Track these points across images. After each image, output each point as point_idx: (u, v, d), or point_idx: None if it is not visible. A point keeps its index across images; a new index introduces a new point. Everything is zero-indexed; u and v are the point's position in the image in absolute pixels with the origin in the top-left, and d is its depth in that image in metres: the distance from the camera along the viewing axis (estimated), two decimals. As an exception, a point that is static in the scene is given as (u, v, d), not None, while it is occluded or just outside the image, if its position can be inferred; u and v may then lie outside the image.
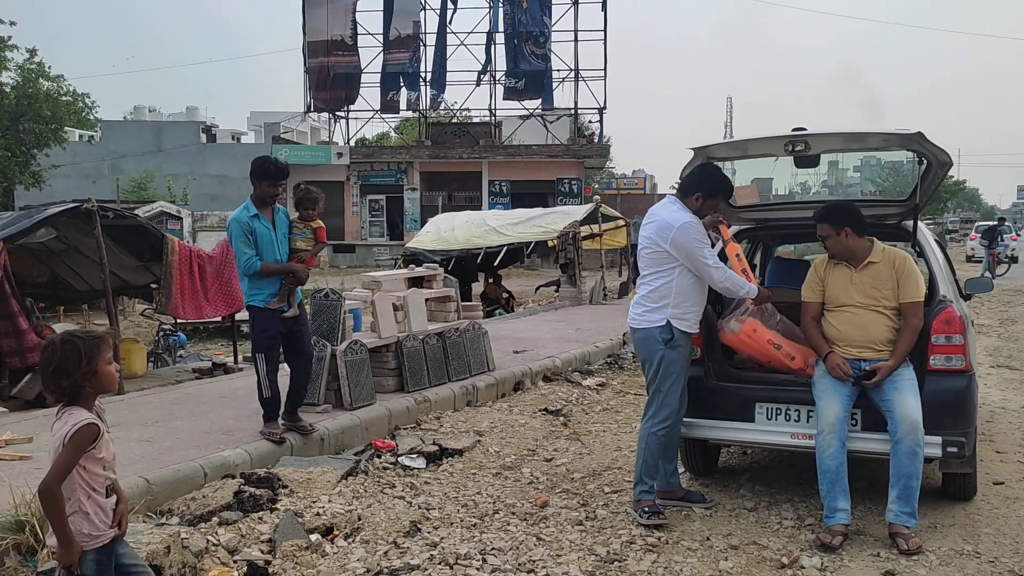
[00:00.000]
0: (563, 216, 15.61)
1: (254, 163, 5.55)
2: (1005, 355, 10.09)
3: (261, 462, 5.23)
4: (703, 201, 4.54)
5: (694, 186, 4.57)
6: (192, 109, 61.81)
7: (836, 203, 4.85)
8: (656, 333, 4.53)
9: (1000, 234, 24.37)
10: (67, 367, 2.63)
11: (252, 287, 5.49)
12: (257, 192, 5.53)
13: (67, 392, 2.66)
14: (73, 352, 2.64)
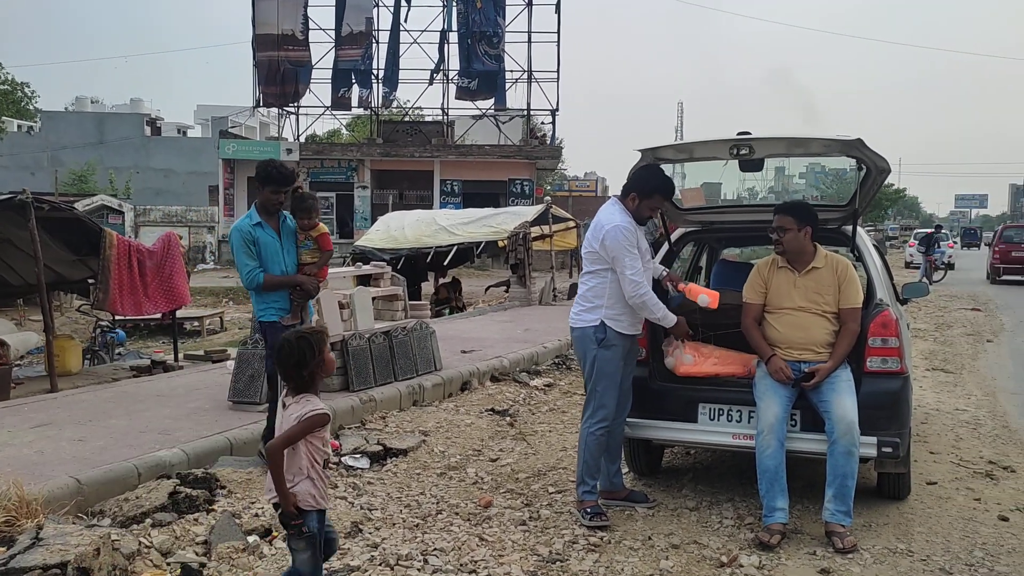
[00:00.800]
0: (514, 216, 15.61)
1: (258, 168, 5.23)
2: (940, 358, 10.39)
3: (199, 462, 5.11)
4: (639, 201, 4.54)
5: (630, 186, 4.59)
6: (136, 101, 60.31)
7: (799, 201, 4.94)
8: (591, 332, 4.55)
9: (937, 241, 25.10)
10: (306, 359, 3.13)
11: (260, 302, 5.18)
12: (260, 199, 5.16)
13: (305, 380, 3.15)
14: (308, 346, 3.14)
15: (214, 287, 22.45)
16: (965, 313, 15.85)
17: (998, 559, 4.10)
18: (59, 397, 6.88)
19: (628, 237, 4.44)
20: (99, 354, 10.30)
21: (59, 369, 8.01)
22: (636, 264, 4.42)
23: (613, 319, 4.50)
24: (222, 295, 21.56)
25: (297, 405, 3.13)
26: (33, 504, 4.01)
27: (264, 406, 6.24)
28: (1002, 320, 14.88)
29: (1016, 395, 8.25)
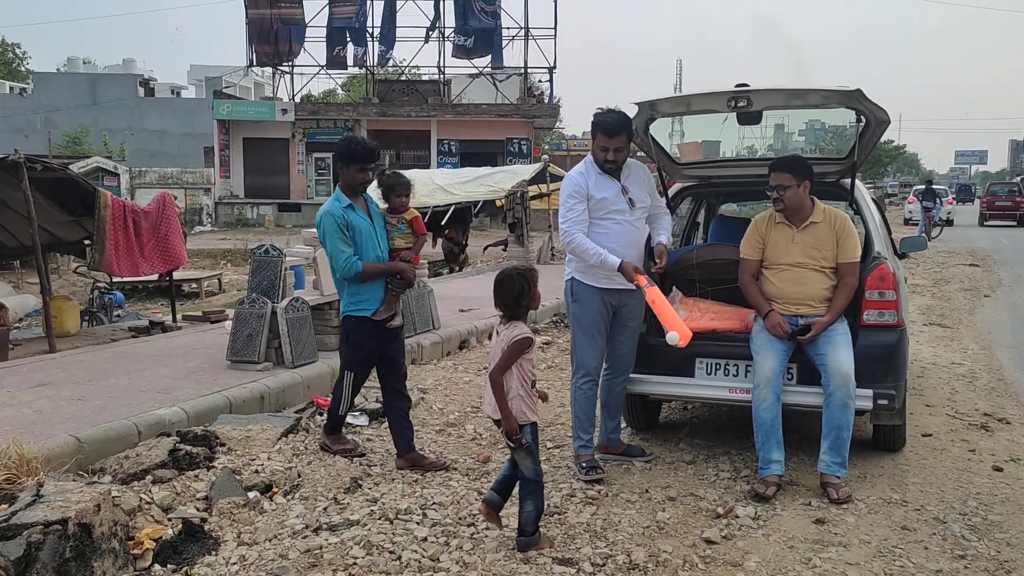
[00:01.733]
0: (511, 175, 15.53)
1: (340, 145, 4.71)
2: (937, 313, 10.41)
3: (198, 420, 5.13)
4: (592, 143, 4.53)
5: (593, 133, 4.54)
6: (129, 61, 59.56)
7: (796, 156, 4.88)
8: (568, 286, 4.60)
9: (938, 196, 25.00)
10: (525, 291, 3.61)
11: (353, 295, 4.64)
12: (345, 179, 4.67)
13: (521, 309, 3.64)
14: (526, 281, 3.63)
15: (211, 249, 22.40)
16: (963, 269, 15.86)
17: (991, 508, 4.14)
18: (57, 358, 6.90)
19: (568, 185, 4.53)
20: (97, 315, 10.30)
21: (57, 330, 8.01)
22: (568, 214, 4.44)
23: (582, 272, 4.51)
24: (220, 257, 21.51)
25: (507, 331, 3.61)
26: (33, 462, 4.02)
27: (263, 365, 6.26)
28: (1000, 275, 14.89)
29: (1012, 349, 8.28)
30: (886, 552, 3.64)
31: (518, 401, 3.61)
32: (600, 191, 4.47)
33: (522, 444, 3.60)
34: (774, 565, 3.51)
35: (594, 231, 4.48)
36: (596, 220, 4.49)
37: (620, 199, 4.51)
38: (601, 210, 4.48)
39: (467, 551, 3.61)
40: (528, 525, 3.65)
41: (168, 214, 8.27)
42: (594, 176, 4.49)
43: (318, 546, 3.62)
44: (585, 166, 4.56)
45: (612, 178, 4.52)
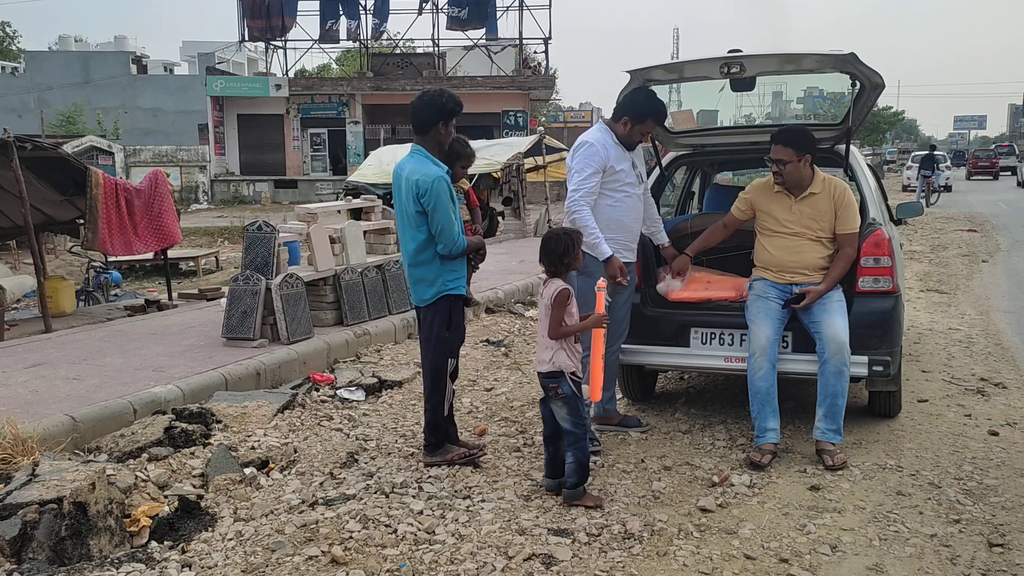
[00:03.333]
0: (506, 148, 15.41)
1: (430, 100, 4.19)
2: (935, 280, 10.39)
3: (194, 398, 5.13)
4: (631, 126, 4.45)
5: (621, 110, 4.49)
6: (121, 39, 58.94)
7: (798, 127, 4.75)
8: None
9: (937, 162, 24.87)
10: (569, 249, 3.86)
11: (450, 271, 4.23)
12: (438, 139, 4.23)
13: (563, 266, 3.88)
14: (571, 239, 3.88)
15: (208, 227, 22.31)
16: (961, 234, 15.81)
17: (987, 472, 4.15)
18: (53, 337, 6.89)
19: (589, 154, 4.39)
20: (93, 295, 10.28)
21: (53, 310, 8.00)
22: (583, 184, 4.34)
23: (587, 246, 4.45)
24: (217, 235, 21.43)
25: (548, 288, 3.84)
26: (29, 442, 4.03)
27: (259, 341, 6.25)
28: (998, 241, 14.85)
29: (1010, 313, 8.27)
30: (880, 517, 3.65)
31: (562, 353, 3.81)
32: (619, 163, 4.47)
33: (558, 394, 3.80)
34: (768, 532, 3.52)
35: (606, 203, 4.46)
36: (609, 192, 4.46)
37: (632, 173, 4.54)
38: (616, 182, 4.47)
39: (463, 523, 3.62)
40: (571, 476, 3.81)
41: (161, 192, 8.21)
42: (613, 148, 4.47)
43: (314, 521, 3.63)
44: (603, 135, 4.48)
45: (626, 151, 4.52)
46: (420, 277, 4.25)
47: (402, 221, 4.24)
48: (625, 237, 4.52)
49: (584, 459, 3.82)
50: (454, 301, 4.30)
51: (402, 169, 4.22)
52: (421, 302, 4.30)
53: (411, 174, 4.13)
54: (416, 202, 4.10)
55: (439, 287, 4.25)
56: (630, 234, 4.55)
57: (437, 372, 4.32)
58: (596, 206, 4.41)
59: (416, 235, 4.18)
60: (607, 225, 4.41)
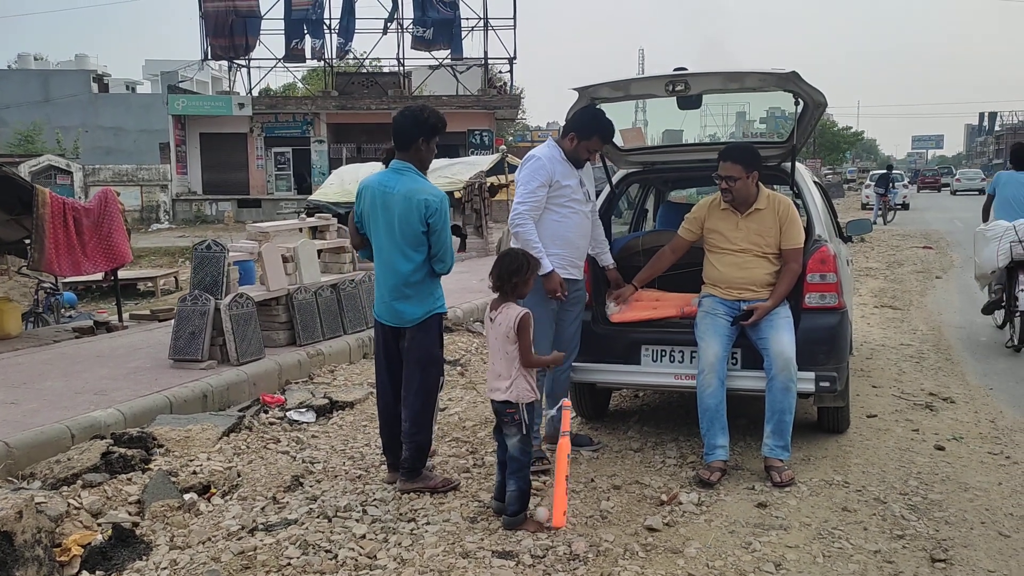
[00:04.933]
0: (469, 166, 15.42)
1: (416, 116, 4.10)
2: (889, 296, 10.53)
3: (136, 421, 5.00)
4: (578, 142, 4.45)
5: (568, 127, 4.50)
6: (82, 57, 58.19)
7: (744, 144, 4.81)
8: None
9: (892, 181, 25.33)
10: (522, 269, 3.77)
11: (438, 288, 4.25)
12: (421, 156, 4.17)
13: (510, 285, 3.77)
14: (527, 263, 3.81)
15: (169, 247, 22.01)
16: (916, 251, 16.09)
17: (932, 487, 4.17)
18: (-5, 361, 6.69)
19: (535, 168, 4.38)
20: (42, 316, 10.04)
21: (-3, 333, 7.78)
22: (528, 198, 4.32)
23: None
24: (178, 255, 21.12)
25: (503, 313, 3.75)
26: (-44, 469, 3.89)
27: (207, 363, 6.12)
28: (952, 257, 15.12)
29: (961, 329, 8.39)
30: (825, 534, 3.64)
31: (521, 381, 3.74)
32: (565, 178, 4.46)
33: (514, 419, 3.75)
34: (714, 551, 3.50)
35: (552, 218, 4.44)
36: (555, 208, 4.44)
37: (580, 190, 4.54)
38: (562, 197, 4.45)
39: (405, 547, 3.55)
40: (511, 504, 3.74)
41: (111, 211, 8.05)
42: (560, 164, 4.47)
43: (252, 547, 3.53)
44: (550, 150, 4.49)
45: (573, 168, 4.52)
46: (410, 297, 4.12)
47: (394, 242, 4.07)
48: (571, 253, 4.51)
49: (526, 488, 3.75)
50: (441, 320, 4.28)
51: (390, 187, 4.07)
52: (408, 322, 4.15)
53: (415, 193, 4.00)
54: (423, 222, 4.01)
55: (430, 305, 4.17)
56: (576, 250, 4.54)
57: (429, 392, 4.19)
58: (542, 221, 4.40)
59: (414, 255, 4.07)
60: (552, 240, 4.41)
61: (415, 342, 4.15)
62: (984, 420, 5.28)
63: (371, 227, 4.19)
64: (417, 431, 4.15)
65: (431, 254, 4.08)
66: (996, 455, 4.64)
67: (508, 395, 3.74)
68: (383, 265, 4.17)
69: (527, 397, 3.75)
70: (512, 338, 3.71)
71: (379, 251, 4.17)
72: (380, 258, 4.18)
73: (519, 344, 3.72)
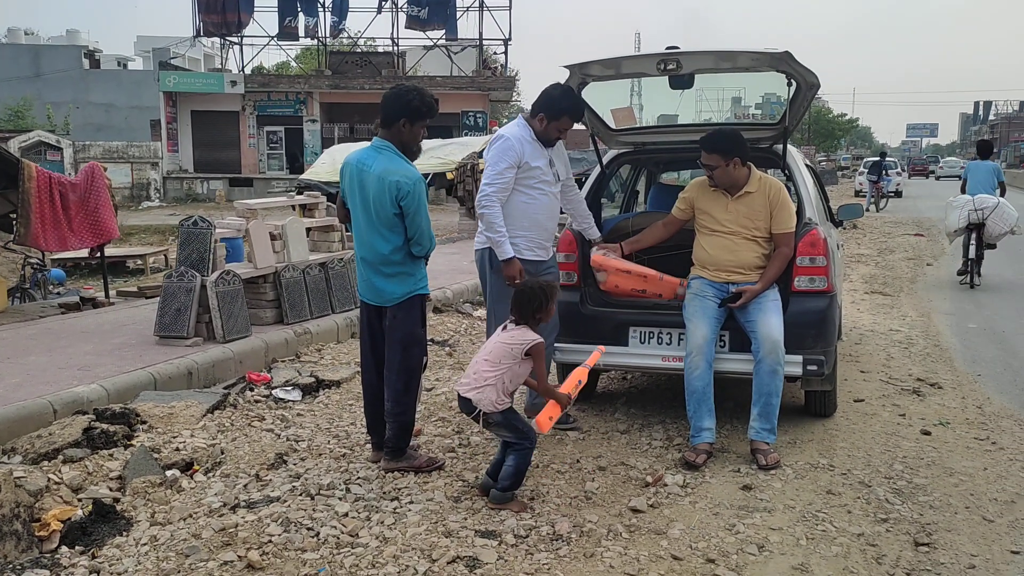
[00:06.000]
0: (461, 147, 15.34)
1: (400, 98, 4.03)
2: (880, 282, 10.53)
3: (119, 397, 4.95)
4: (547, 123, 4.43)
5: (537, 106, 4.47)
6: (73, 32, 57.56)
7: (723, 132, 4.74)
8: (484, 255, 4.52)
9: (885, 169, 25.32)
10: (542, 306, 3.77)
11: (420, 269, 4.19)
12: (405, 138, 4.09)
13: (533, 321, 3.78)
14: (545, 296, 3.78)
15: (159, 225, 21.88)
16: (908, 238, 16.10)
17: (917, 471, 4.17)
18: (-22, 336, 6.63)
19: (504, 149, 4.35)
20: (29, 292, 9.95)
21: (-18, 308, 7.71)
22: (496, 179, 4.31)
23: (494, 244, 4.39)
24: (168, 233, 20.98)
25: (517, 333, 3.75)
26: (-65, 443, 3.85)
27: (192, 340, 6.07)
28: (943, 245, 15.10)
29: (950, 315, 8.40)
30: (809, 516, 3.64)
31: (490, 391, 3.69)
32: (535, 159, 4.44)
33: (488, 423, 3.75)
34: (697, 532, 3.48)
35: (520, 199, 4.44)
36: (524, 189, 4.44)
37: (549, 171, 4.51)
38: (532, 179, 4.44)
39: (388, 526, 3.53)
40: (505, 479, 3.74)
41: (97, 186, 7.96)
42: (529, 144, 4.43)
43: (233, 524, 3.51)
44: (520, 130, 4.47)
45: (543, 147, 4.47)
46: (391, 276, 4.06)
47: (371, 221, 4.01)
48: (539, 235, 4.48)
49: (523, 467, 3.75)
50: (423, 299, 4.20)
51: (367, 165, 4.00)
52: (389, 301, 4.10)
53: (388, 174, 3.92)
54: (395, 204, 3.93)
55: (411, 286, 4.11)
56: (544, 232, 4.52)
57: (412, 371, 4.15)
58: (510, 202, 4.38)
59: (391, 236, 4.00)
60: (520, 222, 4.38)
61: (397, 321, 4.11)
62: (971, 406, 5.29)
63: (350, 205, 4.15)
64: (400, 411, 4.12)
65: (407, 236, 4.02)
66: (982, 440, 4.64)
67: (471, 394, 3.70)
68: (362, 244, 4.12)
69: (487, 406, 3.68)
70: (516, 357, 3.70)
71: (358, 229, 4.12)
72: (359, 237, 4.13)
73: (536, 370, 3.77)
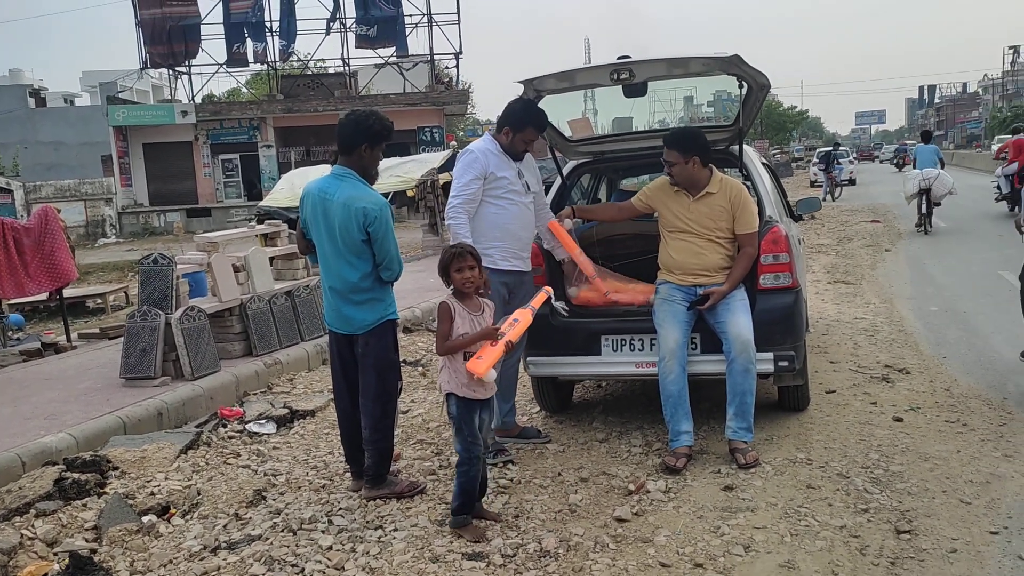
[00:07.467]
0: (420, 164, 15.31)
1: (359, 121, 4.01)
2: (842, 271, 10.70)
3: (89, 444, 4.86)
4: (513, 135, 4.49)
5: (502, 120, 4.53)
6: (16, 72, 56.42)
7: (686, 130, 4.84)
8: None
9: (836, 159, 25.76)
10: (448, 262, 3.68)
11: (389, 295, 4.14)
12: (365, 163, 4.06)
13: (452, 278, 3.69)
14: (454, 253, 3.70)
15: (117, 261, 21.48)
16: (865, 225, 16.38)
17: (892, 459, 4.23)
18: (-62, 391, 6.45)
19: (468, 161, 4.43)
20: (-12, 341, 9.69)
21: (-61, 361, 7.51)
22: (462, 190, 4.37)
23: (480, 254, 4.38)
24: (127, 269, 20.63)
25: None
26: (-101, 507, 3.73)
27: (160, 380, 5.98)
28: (899, 229, 15.43)
29: (912, 300, 8.56)
30: (792, 512, 3.67)
31: (445, 372, 3.68)
32: (501, 170, 4.48)
33: (449, 414, 3.70)
34: (683, 537, 3.50)
35: (490, 210, 4.46)
36: (492, 200, 4.47)
37: (518, 181, 4.53)
38: (500, 189, 4.48)
39: (374, 556, 3.49)
40: (454, 500, 3.71)
41: (52, 228, 7.81)
42: (495, 156, 4.49)
43: (216, 567, 3.45)
44: (485, 144, 4.56)
45: (511, 160, 4.52)
46: (360, 304, 4.02)
47: (337, 250, 3.97)
48: (512, 245, 4.50)
49: (468, 486, 3.67)
50: (394, 324, 4.18)
51: (330, 194, 3.96)
52: (360, 329, 4.05)
53: (354, 200, 3.90)
54: (362, 231, 3.91)
55: (381, 312, 4.07)
56: (518, 242, 4.53)
57: (388, 397, 4.11)
58: (480, 213, 4.42)
59: (359, 263, 3.97)
60: (491, 232, 4.40)
61: (369, 348, 4.07)
62: (939, 389, 5.39)
63: (314, 235, 4.11)
64: (379, 438, 4.09)
65: (376, 262, 4.00)
66: (953, 423, 4.73)
67: (440, 381, 3.73)
68: (329, 273, 4.08)
69: (445, 387, 3.68)
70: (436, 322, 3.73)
71: (324, 259, 4.09)
72: (326, 266, 4.09)
73: (436, 332, 3.71)
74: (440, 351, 3.69)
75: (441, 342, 3.67)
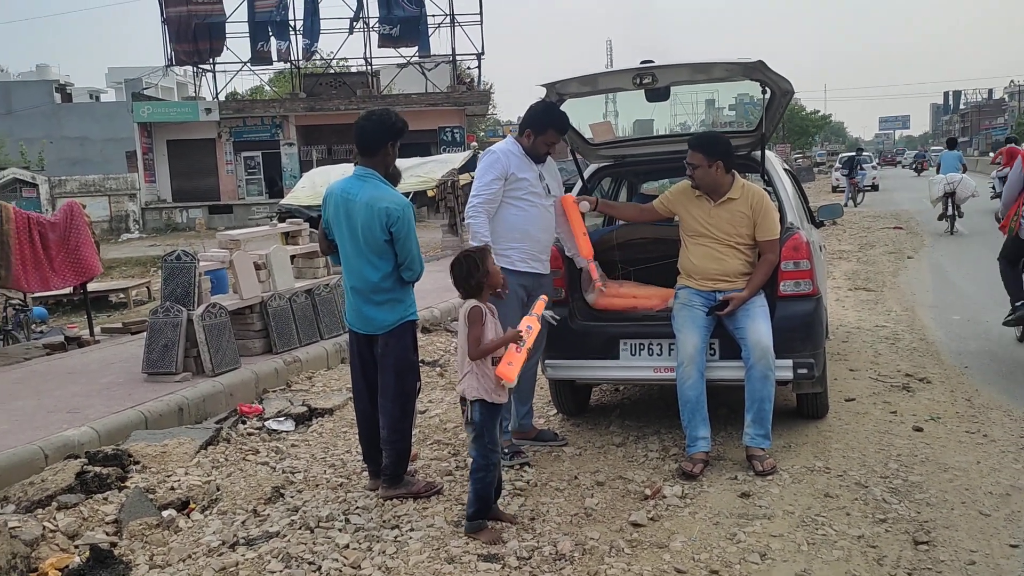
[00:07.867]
0: (441, 164, 15.35)
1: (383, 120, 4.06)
2: (863, 278, 10.62)
3: (110, 439, 4.91)
4: (534, 138, 4.50)
5: (524, 123, 4.55)
6: (43, 67, 57.21)
7: (713, 134, 4.89)
8: None
9: (859, 164, 25.56)
10: (473, 271, 3.71)
11: (409, 295, 4.18)
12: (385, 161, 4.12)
13: (474, 287, 3.72)
14: (473, 260, 3.73)
15: (140, 256, 21.73)
16: (888, 232, 16.24)
17: (912, 469, 4.20)
18: (-37, 382, 6.55)
19: (490, 162, 4.46)
20: (12, 334, 9.85)
21: (-35, 353, 7.63)
22: (483, 190, 4.40)
23: (498, 255, 4.34)
24: (149, 264, 20.84)
25: (462, 309, 3.73)
26: (-74, 497, 3.80)
27: (182, 375, 6.04)
28: (923, 237, 15.28)
29: (934, 308, 8.48)
30: (809, 521, 3.65)
31: (471, 377, 3.66)
32: (522, 171, 4.50)
33: (469, 421, 3.68)
34: (699, 544, 3.49)
35: (510, 211, 4.47)
36: (513, 201, 4.48)
37: (539, 183, 4.54)
38: (520, 190, 4.49)
39: (390, 555, 3.51)
40: (469, 507, 3.69)
41: (77, 224, 7.91)
42: (516, 158, 4.51)
43: (234, 563, 3.49)
44: (507, 145, 4.58)
45: (532, 162, 4.53)
46: (381, 304, 4.05)
47: (359, 250, 4.00)
48: (532, 247, 4.50)
49: (483, 492, 3.67)
50: (414, 324, 4.20)
51: (352, 194, 3.99)
52: (380, 329, 4.08)
53: (377, 201, 3.93)
54: (385, 230, 3.94)
55: (402, 312, 4.09)
56: (537, 244, 4.54)
57: (407, 397, 4.13)
58: (500, 214, 4.43)
59: (380, 263, 4.00)
60: (511, 233, 4.42)
61: (389, 348, 4.10)
62: (960, 399, 5.34)
63: (336, 235, 4.14)
64: (397, 438, 4.11)
65: (398, 262, 4.03)
66: (973, 434, 4.69)
67: (459, 387, 3.71)
68: (351, 273, 4.11)
69: (472, 393, 3.65)
70: (464, 328, 3.68)
71: (346, 259, 4.12)
72: (348, 266, 4.12)
73: (468, 335, 3.66)
74: (473, 355, 3.65)
75: (475, 346, 3.64)
